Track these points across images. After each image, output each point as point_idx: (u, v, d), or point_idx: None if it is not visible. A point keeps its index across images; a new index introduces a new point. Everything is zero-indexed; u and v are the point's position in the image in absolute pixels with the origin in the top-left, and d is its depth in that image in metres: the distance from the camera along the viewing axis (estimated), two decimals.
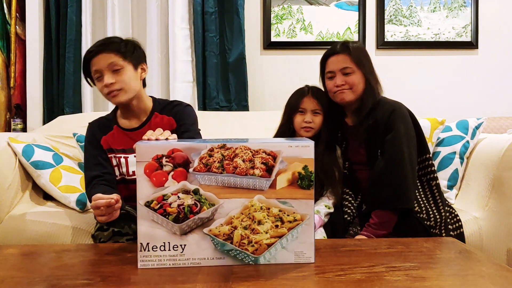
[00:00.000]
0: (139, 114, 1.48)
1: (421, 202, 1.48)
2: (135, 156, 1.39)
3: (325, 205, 1.52)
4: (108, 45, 1.39)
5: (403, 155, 1.42)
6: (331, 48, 1.58)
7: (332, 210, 1.51)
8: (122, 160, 1.45)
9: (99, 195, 1.11)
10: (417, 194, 1.50)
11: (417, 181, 1.52)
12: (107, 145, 1.47)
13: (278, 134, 1.66)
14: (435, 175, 1.54)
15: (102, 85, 1.38)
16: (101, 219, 1.12)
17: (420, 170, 1.54)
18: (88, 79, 1.46)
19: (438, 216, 1.44)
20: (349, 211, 1.52)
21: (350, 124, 1.60)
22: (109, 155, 1.46)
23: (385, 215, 1.40)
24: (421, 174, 1.54)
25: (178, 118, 1.48)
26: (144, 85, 1.50)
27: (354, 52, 1.52)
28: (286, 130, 1.63)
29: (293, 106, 1.60)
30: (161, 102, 1.54)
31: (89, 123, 1.54)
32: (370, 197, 1.46)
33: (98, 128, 1.51)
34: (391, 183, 1.41)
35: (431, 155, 1.57)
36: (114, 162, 1.47)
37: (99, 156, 1.45)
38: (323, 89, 1.63)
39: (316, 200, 1.53)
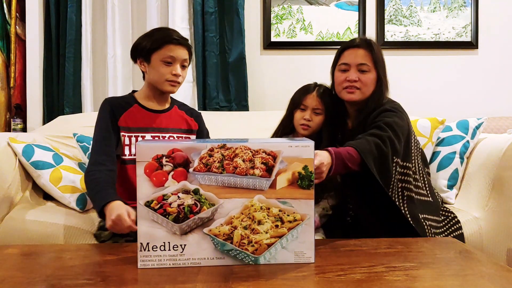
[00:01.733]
0: (163, 102, 1.58)
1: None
2: (152, 137, 1.47)
3: (322, 208, 1.51)
4: (189, 43, 1.53)
5: (393, 126, 1.34)
6: (352, 41, 1.52)
7: (330, 212, 1.51)
8: (140, 139, 1.48)
9: (126, 213, 1.13)
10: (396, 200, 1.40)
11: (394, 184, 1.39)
12: (125, 123, 1.49)
13: (279, 128, 1.63)
14: (411, 186, 1.43)
15: (168, 71, 1.47)
16: (110, 228, 1.17)
17: (400, 175, 1.42)
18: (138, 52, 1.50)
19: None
20: (351, 213, 1.50)
21: (350, 127, 1.57)
22: (123, 134, 1.48)
23: (355, 156, 1.26)
24: (398, 179, 1.42)
25: (201, 123, 1.64)
26: None
27: (376, 51, 1.47)
28: (287, 125, 1.61)
29: (296, 101, 1.57)
30: (175, 99, 1.66)
31: (106, 100, 1.55)
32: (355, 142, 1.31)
33: (117, 105, 1.52)
34: (375, 143, 1.29)
35: (412, 165, 1.46)
36: (127, 142, 1.48)
37: (113, 135, 1.47)
38: (330, 81, 1.57)
39: (316, 202, 1.52)
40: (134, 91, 1.60)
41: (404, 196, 1.43)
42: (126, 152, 1.48)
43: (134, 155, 1.48)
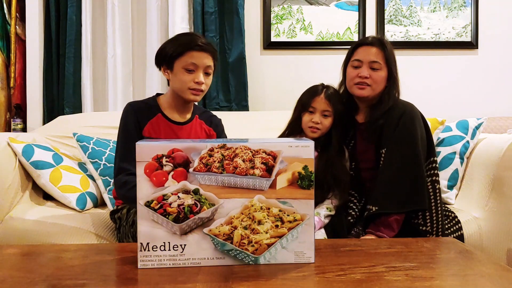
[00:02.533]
0: (186, 111, 1.54)
1: None
2: None
3: (326, 207, 1.50)
4: (213, 48, 1.47)
5: (416, 156, 1.41)
6: (365, 38, 1.56)
7: (333, 212, 1.50)
8: None
9: None
10: None
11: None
12: (148, 134, 1.46)
13: (287, 130, 1.62)
14: (438, 178, 1.53)
15: (190, 79, 1.42)
16: None
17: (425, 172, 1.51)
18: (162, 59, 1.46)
19: (435, 220, 1.43)
20: (353, 213, 1.50)
21: (360, 121, 1.58)
22: None
23: (394, 217, 1.39)
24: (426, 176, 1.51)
25: (220, 131, 1.61)
26: None
27: (389, 49, 1.51)
28: (295, 128, 1.59)
29: (304, 104, 1.56)
30: (198, 107, 1.61)
31: (131, 105, 1.49)
32: (382, 200, 1.41)
33: (142, 113, 1.47)
34: (405, 184, 1.39)
35: (436, 158, 1.55)
36: None
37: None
38: (341, 77, 1.59)
39: (319, 202, 1.52)
40: (158, 94, 1.56)
41: (435, 190, 1.49)
42: None
43: None
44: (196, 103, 1.59)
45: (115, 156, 1.48)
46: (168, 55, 1.43)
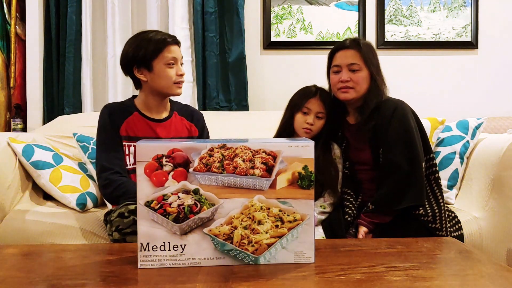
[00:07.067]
0: (163, 109, 1.54)
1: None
2: None
3: (320, 205, 1.51)
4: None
5: (413, 151, 1.42)
6: (341, 43, 1.56)
7: (328, 210, 1.51)
8: None
9: None
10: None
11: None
12: (125, 133, 1.47)
13: (280, 130, 1.63)
14: (438, 174, 1.53)
15: (174, 73, 1.45)
16: None
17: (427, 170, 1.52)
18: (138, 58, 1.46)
19: (437, 210, 1.43)
20: (350, 211, 1.51)
21: (351, 123, 1.59)
22: (124, 143, 1.46)
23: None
24: (429, 173, 1.52)
25: (201, 126, 1.60)
26: None
27: (364, 49, 1.50)
28: (288, 128, 1.60)
29: (298, 104, 1.56)
30: (176, 102, 1.61)
31: (106, 107, 1.51)
32: (380, 199, 1.43)
33: (118, 112, 1.49)
34: (403, 182, 1.40)
35: (433, 155, 1.56)
36: (127, 151, 1.47)
37: (119, 145, 1.45)
38: (327, 84, 1.60)
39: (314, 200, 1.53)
40: (134, 96, 1.58)
41: (431, 183, 1.50)
42: (127, 161, 1.47)
43: (134, 164, 1.46)
44: (174, 98, 1.61)
45: (96, 157, 1.49)
46: (145, 56, 1.43)
